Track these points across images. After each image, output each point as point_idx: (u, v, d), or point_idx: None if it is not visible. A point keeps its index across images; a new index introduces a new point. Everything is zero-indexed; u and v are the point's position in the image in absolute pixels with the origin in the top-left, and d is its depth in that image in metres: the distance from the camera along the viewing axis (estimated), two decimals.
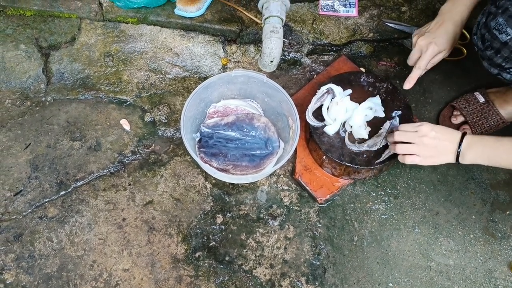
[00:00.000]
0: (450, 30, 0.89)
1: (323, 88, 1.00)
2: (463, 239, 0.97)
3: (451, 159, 0.82)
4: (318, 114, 1.00)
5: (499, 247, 0.96)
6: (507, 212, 1.00)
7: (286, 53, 1.19)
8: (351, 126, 0.98)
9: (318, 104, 1.01)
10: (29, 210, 0.95)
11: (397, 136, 0.88)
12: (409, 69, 1.19)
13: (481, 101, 1.05)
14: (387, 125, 0.96)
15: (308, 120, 0.99)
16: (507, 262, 0.95)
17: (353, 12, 1.22)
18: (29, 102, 1.09)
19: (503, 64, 0.74)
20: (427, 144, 0.83)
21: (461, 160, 0.82)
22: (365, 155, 0.97)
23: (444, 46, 0.90)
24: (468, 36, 1.15)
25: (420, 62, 0.91)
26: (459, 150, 0.80)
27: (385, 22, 1.21)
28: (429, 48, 0.89)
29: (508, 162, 0.77)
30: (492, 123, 1.04)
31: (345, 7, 1.23)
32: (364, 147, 0.96)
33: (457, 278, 0.93)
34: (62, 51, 1.14)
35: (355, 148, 0.96)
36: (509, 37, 0.70)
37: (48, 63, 1.13)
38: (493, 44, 0.73)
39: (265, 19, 1.07)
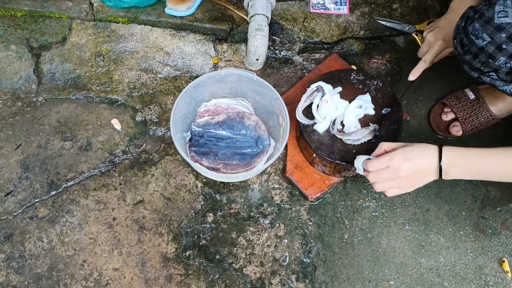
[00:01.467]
0: None
1: (313, 86, 1.00)
2: (454, 235, 0.97)
3: (434, 177, 0.77)
4: (308, 112, 1.00)
5: (489, 244, 0.96)
6: (498, 209, 1.01)
7: (277, 51, 1.19)
8: (343, 126, 0.98)
9: (308, 102, 1.01)
10: (20, 210, 0.95)
11: (371, 178, 0.81)
12: (401, 67, 1.20)
13: (471, 98, 1.05)
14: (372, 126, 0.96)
15: (298, 118, 0.99)
16: (498, 258, 0.95)
17: (344, 9, 1.22)
18: (20, 103, 1.09)
19: (482, 68, 0.74)
20: (405, 176, 0.76)
21: (444, 177, 0.76)
22: (355, 152, 0.97)
23: (452, 42, 0.90)
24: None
25: (426, 56, 0.94)
26: (440, 165, 0.75)
27: (376, 19, 1.21)
28: (436, 43, 0.93)
29: (496, 176, 0.75)
30: (483, 119, 1.04)
31: (336, 4, 1.23)
32: (348, 140, 0.96)
33: (447, 275, 0.93)
34: (53, 52, 1.14)
35: (305, 121, 0.97)
36: (485, 42, 0.70)
37: (39, 63, 1.13)
38: (471, 49, 0.73)
39: (251, 17, 1.07)
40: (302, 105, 1.00)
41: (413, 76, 0.94)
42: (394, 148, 0.79)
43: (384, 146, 0.82)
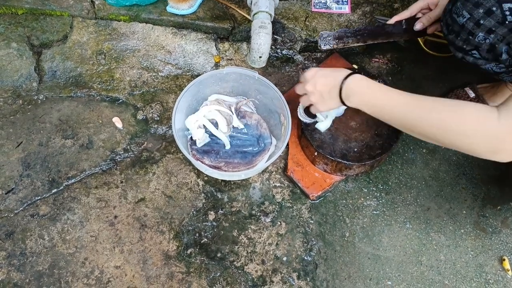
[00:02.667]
0: None
1: None
2: (454, 234, 0.98)
3: (337, 100, 0.80)
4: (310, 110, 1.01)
5: (489, 242, 0.97)
6: (498, 207, 1.01)
7: (278, 50, 1.19)
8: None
9: None
10: (21, 208, 0.95)
11: (297, 89, 0.88)
12: (402, 66, 1.20)
13: (471, 96, 1.06)
14: None
15: (300, 117, 0.99)
16: (498, 256, 0.95)
17: (346, 9, 1.23)
18: (21, 101, 1.09)
19: (464, 46, 0.75)
20: (313, 91, 0.82)
21: (345, 101, 0.78)
22: (356, 151, 0.97)
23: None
24: None
25: (411, 6, 0.93)
26: (341, 86, 0.77)
27: (378, 19, 1.21)
28: None
29: (389, 117, 0.74)
30: None
31: (337, 4, 1.23)
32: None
33: (447, 273, 0.93)
34: (54, 49, 1.14)
35: (306, 120, 0.97)
36: (465, 19, 0.71)
37: (40, 61, 1.13)
38: (454, 28, 0.75)
39: (254, 14, 1.07)
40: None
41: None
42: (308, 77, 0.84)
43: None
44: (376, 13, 1.22)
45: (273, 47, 1.18)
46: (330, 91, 0.80)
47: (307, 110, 1.00)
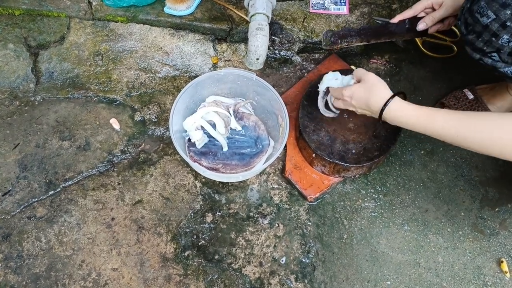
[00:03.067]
0: None
1: (329, 76, 0.98)
2: (452, 236, 0.98)
3: (376, 117, 0.81)
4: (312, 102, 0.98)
5: (488, 244, 0.97)
6: (496, 209, 1.01)
7: (276, 51, 1.19)
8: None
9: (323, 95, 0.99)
10: (18, 210, 0.95)
11: (336, 104, 0.90)
12: (400, 67, 1.20)
13: (470, 98, 1.05)
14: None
15: (322, 112, 0.97)
16: (496, 258, 0.95)
17: (344, 10, 1.22)
18: (18, 102, 1.08)
19: (484, 48, 0.73)
20: (355, 111, 0.85)
21: (387, 120, 0.80)
22: (354, 152, 0.97)
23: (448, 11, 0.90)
24: (458, 33, 1.15)
25: (415, 5, 0.92)
26: (383, 108, 0.78)
27: (376, 19, 1.21)
28: None
29: (437, 136, 0.75)
30: None
31: (335, 4, 1.23)
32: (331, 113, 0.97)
33: (445, 275, 0.93)
34: (51, 51, 1.13)
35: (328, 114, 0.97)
36: (489, 19, 0.70)
37: (37, 62, 1.12)
38: (475, 28, 0.73)
39: (251, 16, 1.07)
40: (322, 98, 0.97)
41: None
42: (357, 80, 0.85)
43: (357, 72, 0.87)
44: (374, 14, 1.22)
45: (271, 48, 1.18)
46: (371, 114, 0.83)
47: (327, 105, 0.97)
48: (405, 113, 0.77)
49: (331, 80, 0.92)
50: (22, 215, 0.95)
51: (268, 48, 1.15)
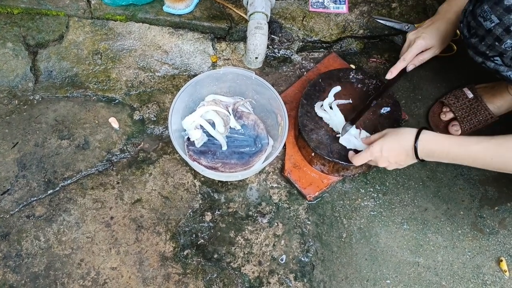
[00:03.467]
0: (441, 28, 0.90)
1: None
2: (451, 234, 0.97)
3: (413, 159, 0.82)
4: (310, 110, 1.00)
5: (487, 243, 0.97)
6: (496, 208, 1.01)
7: (276, 50, 1.19)
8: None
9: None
10: (17, 209, 0.95)
11: (364, 161, 0.88)
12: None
13: (469, 97, 1.05)
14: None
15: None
16: (495, 257, 0.95)
17: (343, 8, 1.22)
18: (16, 101, 1.08)
19: (487, 52, 0.73)
20: (389, 165, 0.85)
21: (423, 159, 0.81)
22: (354, 152, 0.96)
23: (432, 42, 0.90)
24: (459, 33, 1.14)
25: (405, 55, 0.93)
26: (415, 146, 0.79)
27: (376, 18, 1.21)
28: (416, 41, 0.91)
29: (473, 163, 0.77)
30: (481, 118, 1.04)
31: (335, 3, 1.22)
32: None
33: (445, 274, 0.93)
34: (50, 49, 1.13)
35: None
36: (493, 24, 0.69)
37: (36, 61, 1.12)
38: (478, 32, 0.73)
39: (250, 15, 1.07)
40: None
41: (390, 74, 0.95)
42: (375, 140, 0.86)
43: (366, 140, 0.91)
44: (374, 13, 1.22)
45: (270, 47, 1.18)
46: (406, 159, 0.83)
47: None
48: (438, 141, 0.78)
49: (351, 138, 0.95)
50: (21, 214, 0.95)
51: (268, 47, 1.15)
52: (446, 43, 0.92)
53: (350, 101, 1.01)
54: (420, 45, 0.90)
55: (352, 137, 0.95)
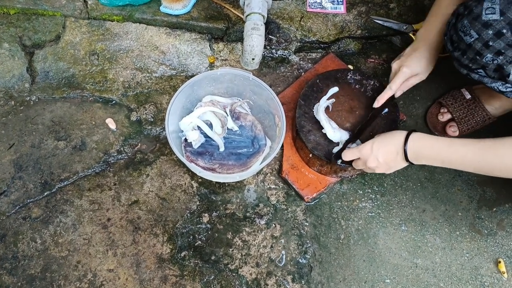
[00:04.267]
0: (423, 55, 0.90)
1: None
2: (450, 236, 0.97)
3: (403, 162, 0.82)
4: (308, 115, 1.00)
5: (485, 244, 0.96)
6: (494, 209, 1.01)
7: (273, 50, 1.19)
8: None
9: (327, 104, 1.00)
10: (13, 211, 0.94)
11: (356, 166, 0.88)
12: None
13: (467, 98, 1.05)
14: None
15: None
16: (494, 259, 0.95)
17: (341, 9, 1.22)
18: (13, 102, 1.07)
19: (470, 65, 0.74)
20: (375, 166, 0.83)
21: (413, 162, 0.80)
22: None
23: (417, 70, 0.91)
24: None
25: (391, 84, 0.93)
26: (405, 149, 0.79)
27: (373, 19, 1.20)
28: (401, 70, 0.91)
29: (462, 166, 0.77)
30: (479, 119, 1.04)
31: (333, 4, 1.22)
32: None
33: (443, 275, 0.93)
34: (47, 50, 1.13)
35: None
36: (472, 39, 0.70)
37: (32, 62, 1.11)
38: (460, 46, 0.74)
39: (247, 16, 1.06)
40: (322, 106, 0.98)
41: (377, 103, 0.94)
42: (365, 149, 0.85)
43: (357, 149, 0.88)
44: (372, 13, 1.22)
45: (268, 47, 1.17)
46: (395, 159, 0.82)
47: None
48: (427, 142, 0.78)
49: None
50: (17, 215, 0.94)
51: (265, 48, 1.14)
52: (431, 68, 0.92)
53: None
54: (405, 74, 0.90)
55: (326, 123, 0.95)
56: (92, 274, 0.89)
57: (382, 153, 0.82)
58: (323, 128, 0.96)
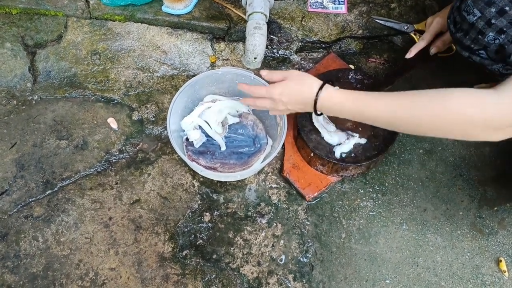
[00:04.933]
0: None
1: None
2: (451, 235, 0.97)
3: (310, 109, 0.80)
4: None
5: (486, 243, 0.97)
6: (495, 208, 1.01)
7: (275, 50, 1.19)
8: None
9: None
10: (15, 210, 0.95)
11: (260, 104, 0.86)
12: (398, 66, 1.20)
13: None
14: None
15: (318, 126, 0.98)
16: (495, 258, 0.95)
17: (342, 9, 1.22)
18: (15, 101, 1.08)
19: (472, 46, 0.74)
20: (285, 110, 0.82)
21: (323, 113, 0.80)
22: (353, 153, 0.96)
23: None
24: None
25: (424, 35, 0.94)
26: (316, 98, 0.77)
27: (375, 19, 1.20)
28: (433, 21, 0.93)
29: (373, 121, 0.75)
30: None
31: (334, 3, 1.22)
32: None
33: (444, 274, 0.93)
34: (49, 50, 1.13)
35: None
36: (475, 17, 0.70)
37: (34, 61, 1.12)
38: (462, 26, 0.74)
39: (249, 15, 1.07)
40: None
41: (409, 54, 0.96)
42: (277, 78, 0.83)
43: (263, 73, 0.85)
44: (373, 13, 1.22)
45: (269, 47, 1.17)
46: (304, 109, 0.81)
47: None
48: (337, 96, 0.76)
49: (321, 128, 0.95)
50: (19, 214, 0.94)
51: (266, 47, 1.15)
52: None
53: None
54: (438, 23, 0.91)
55: (322, 128, 0.96)
56: (94, 273, 0.90)
57: (291, 103, 0.81)
58: None
